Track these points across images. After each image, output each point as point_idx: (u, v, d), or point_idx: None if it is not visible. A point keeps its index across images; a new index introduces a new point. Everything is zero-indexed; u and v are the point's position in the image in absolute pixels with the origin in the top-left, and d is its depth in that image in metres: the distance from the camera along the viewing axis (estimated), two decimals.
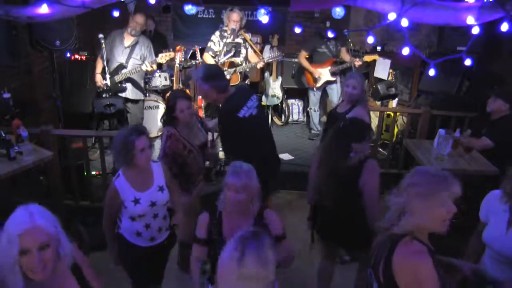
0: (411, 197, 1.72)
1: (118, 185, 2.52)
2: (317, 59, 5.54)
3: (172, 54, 4.79)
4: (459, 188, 1.71)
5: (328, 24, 5.14)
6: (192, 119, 3.09)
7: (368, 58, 5.35)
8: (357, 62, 5.29)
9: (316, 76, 5.53)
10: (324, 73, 5.50)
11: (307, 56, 5.59)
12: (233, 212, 2.24)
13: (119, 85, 4.81)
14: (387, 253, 1.75)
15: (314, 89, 5.66)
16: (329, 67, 5.48)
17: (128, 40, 4.81)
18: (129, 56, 4.78)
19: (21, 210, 1.55)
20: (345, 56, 5.50)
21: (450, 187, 1.70)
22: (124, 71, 4.76)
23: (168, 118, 3.05)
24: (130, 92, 4.92)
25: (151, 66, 4.69)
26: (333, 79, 5.54)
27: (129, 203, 2.51)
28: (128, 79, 4.84)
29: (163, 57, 4.74)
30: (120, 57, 4.79)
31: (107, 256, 2.76)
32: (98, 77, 4.78)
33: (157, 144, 5.57)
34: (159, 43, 5.88)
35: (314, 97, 5.78)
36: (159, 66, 5.81)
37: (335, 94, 5.62)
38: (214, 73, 3.00)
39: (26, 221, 1.50)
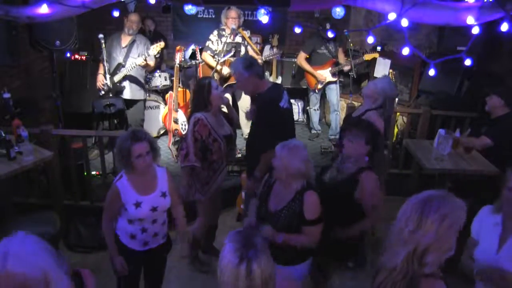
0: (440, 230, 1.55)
1: (120, 187, 2.48)
2: (316, 60, 5.50)
3: (162, 44, 4.80)
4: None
5: (328, 26, 5.12)
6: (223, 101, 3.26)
7: (368, 56, 5.35)
8: (351, 63, 5.19)
9: (321, 81, 5.49)
10: (325, 75, 5.50)
11: (307, 57, 5.58)
12: (279, 180, 2.49)
13: (119, 84, 4.82)
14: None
15: (316, 90, 5.66)
16: (330, 68, 5.47)
17: (126, 40, 4.83)
18: (127, 55, 4.79)
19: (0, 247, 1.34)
20: (340, 56, 5.50)
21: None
22: (122, 69, 4.77)
23: (200, 105, 3.10)
24: (128, 92, 4.91)
25: (145, 60, 4.68)
26: (334, 79, 5.54)
27: (130, 206, 2.47)
28: (128, 79, 4.84)
29: (154, 49, 4.74)
30: (118, 57, 4.81)
31: (106, 256, 2.73)
32: (100, 77, 4.80)
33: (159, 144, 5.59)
34: None
35: (314, 97, 5.77)
36: (159, 66, 5.83)
37: (333, 94, 5.60)
38: (251, 62, 3.23)
39: None
